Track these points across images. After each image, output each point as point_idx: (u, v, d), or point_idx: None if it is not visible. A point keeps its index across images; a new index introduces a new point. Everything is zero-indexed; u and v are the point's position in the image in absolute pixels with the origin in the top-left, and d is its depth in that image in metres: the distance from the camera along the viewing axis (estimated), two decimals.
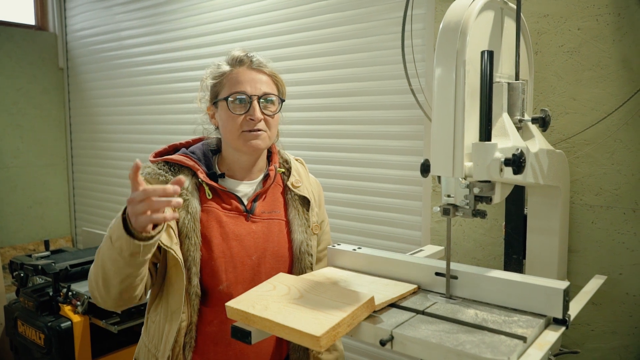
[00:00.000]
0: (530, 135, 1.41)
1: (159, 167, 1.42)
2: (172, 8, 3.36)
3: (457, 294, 1.25)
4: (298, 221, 1.48)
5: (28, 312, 2.83)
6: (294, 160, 1.59)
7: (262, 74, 1.43)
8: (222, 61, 1.46)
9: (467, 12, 1.17)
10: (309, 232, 1.49)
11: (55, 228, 4.31)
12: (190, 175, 1.42)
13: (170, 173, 1.41)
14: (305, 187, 1.53)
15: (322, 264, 1.59)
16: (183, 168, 1.43)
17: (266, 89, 1.41)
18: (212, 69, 1.46)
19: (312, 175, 1.63)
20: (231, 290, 1.39)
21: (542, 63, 1.86)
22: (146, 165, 1.44)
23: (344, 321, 1.05)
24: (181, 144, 1.53)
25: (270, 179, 1.49)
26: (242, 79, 1.40)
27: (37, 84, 4.15)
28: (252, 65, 1.43)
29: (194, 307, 1.36)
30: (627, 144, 1.72)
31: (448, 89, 1.16)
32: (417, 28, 2.20)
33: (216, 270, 1.38)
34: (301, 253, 1.47)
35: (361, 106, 2.47)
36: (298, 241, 1.47)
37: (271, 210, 1.48)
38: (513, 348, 0.97)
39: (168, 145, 1.52)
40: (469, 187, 1.20)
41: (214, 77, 1.44)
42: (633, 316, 1.74)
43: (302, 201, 1.51)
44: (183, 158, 1.43)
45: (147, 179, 1.41)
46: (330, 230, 1.67)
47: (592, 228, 1.80)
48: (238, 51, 1.45)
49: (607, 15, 1.73)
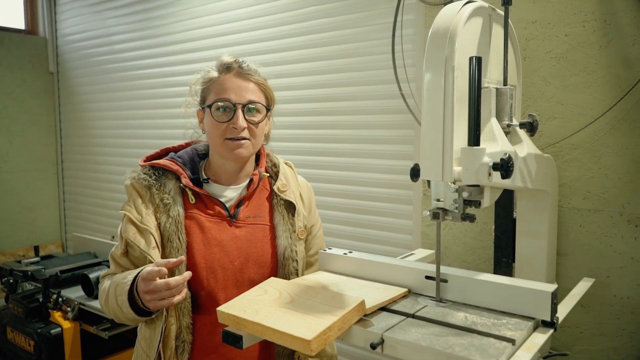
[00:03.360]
0: (519, 140, 1.42)
1: (145, 171, 1.43)
2: (163, 13, 3.36)
3: (447, 297, 1.26)
4: (283, 226, 1.47)
5: (17, 318, 2.81)
6: (282, 164, 1.57)
7: (249, 82, 1.41)
8: (211, 66, 1.46)
9: (455, 19, 1.19)
10: (294, 237, 1.47)
11: (45, 233, 4.28)
12: (174, 180, 1.43)
13: (154, 177, 1.41)
14: (292, 192, 1.51)
15: (314, 268, 1.57)
16: (168, 172, 1.43)
17: (252, 97, 1.40)
18: (202, 73, 1.46)
19: (302, 178, 1.61)
20: (213, 297, 1.38)
21: (530, 68, 1.88)
22: (134, 170, 1.45)
23: (334, 325, 1.06)
24: (173, 147, 1.54)
25: (254, 184, 1.48)
26: (228, 86, 1.39)
27: (27, 89, 4.13)
28: (240, 72, 1.41)
29: (182, 310, 1.35)
30: (614, 148, 1.75)
31: (437, 95, 1.17)
32: (408, 33, 2.22)
33: (197, 276, 1.38)
34: (285, 259, 1.45)
35: (352, 111, 2.48)
36: (282, 247, 1.45)
37: (256, 215, 1.47)
38: (502, 350, 0.98)
39: (160, 149, 1.52)
40: (458, 191, 1.21)
41: (202, 82, 1.45)
42: (621, 318, 1.76)
43: (288, 206, 1.50)
44: (168, 162, 1.43)
45: (132, 183, 1.42)
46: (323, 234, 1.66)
47: (580, 231, 1.83)
48: (227, 57, 1.44)
49: (593, 22, 1.75)
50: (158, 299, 1.22)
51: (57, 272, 2.91)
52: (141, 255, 1.36)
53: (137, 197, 1.40)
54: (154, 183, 1.40)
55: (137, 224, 1.36)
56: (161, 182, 1.42)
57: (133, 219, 1.36)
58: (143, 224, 1.36)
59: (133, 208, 1.38)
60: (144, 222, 1.36)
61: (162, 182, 1.42)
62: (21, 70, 4.09)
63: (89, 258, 3.35)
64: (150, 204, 1.39)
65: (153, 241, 1.34)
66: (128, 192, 1.43)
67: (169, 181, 1.42)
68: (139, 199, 1.40)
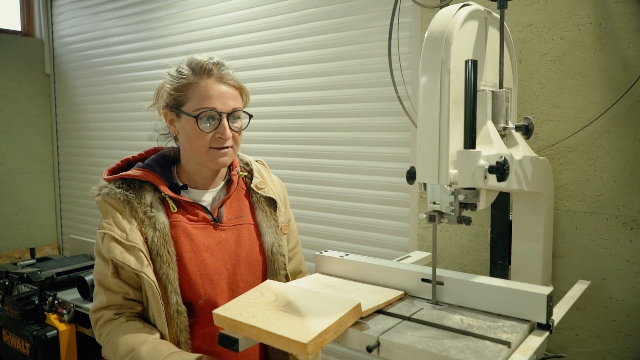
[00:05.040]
0: (514, 143, 1.43)
1: (117, 185, 1.36)
2: (159, 15, 3.36)
3: (444, 299, 1.26)
4: (267, 222, 1.46)
5: (13, 321, 2.79)
6: (254, 162, 1.56)
7: (230, 87, 1.37)
8: (184, 66, 1.38)
9: (451, 22, 1.19)
10: (279, 232, 1.48)
11: (42, 235, 4.27)
12: (152, 191, 1.37)
13: (131, 191, 1.35)
14: (270, 188, 1.51)
15: (294, 262, 1.58)
16: (144, 183, 1.37)
17: (234, 104, 1.37)
18: (174, 74, 1.38)
19: (274, 175, 1.60)
20: (211, 304, 1.34)
21: (526, 71, 1.89)
22: (102, 185, 1.38)
23: (331, 328, 1.06)
24: (134, 157, 1.47)
25: (234, 184, 1.46)
26: (211, 93, 1.34)
27: (24, 90, 4.12)
28: (221, 76, 1.36)
29: (179, 325, 1.31)
30: (610, 151, 1.76)
31: (433, 98, 1.17)
32: (404, 36, 2.22)
33: (193, 286, 1.34)
34: (273, 254, 1.45)
35: (349, 113, 2.49)
36: (269, 243, 1.45)
37: (238, 216, 1.46)
38: (497, 353, 0.99)
39: (120, 160, 1.46)
40: (454, 194, 1.22)
41: (177, 85, 1.36)
42: (616, 320, 1.77)
43: (269, 202, 1.49)
44: (142, 173, 1.37)
45: (105, 199, 1.35)
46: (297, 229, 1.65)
47: (575, 234, 1.83)
48: (204, 57, 1.37)
49: (588, 25, 1.76)
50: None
51: (53, 274, 2.90)
52: (132, 273, 1.30)
53: (116, 213, 1.33)
54: (133, 197, 1.34)
55: (122, 242, 1.29)
56: (139, 194, 1.35)
57: (117, 238, 1.29)
58: (129, 241, 1.29)
59: (114, 225, 1.31)
60: (129, 239, 1.29)
61: (141, 195, 1.35)
62: (17, 72, 4.08)
63: (85, 260, 3.34)
64: (133, 219, 1.32)
65: (144, 258, 1.28)
66: (103, 209, 1.36)
67: (146, 193, 1.36)
68: (117, 214, 1.33)
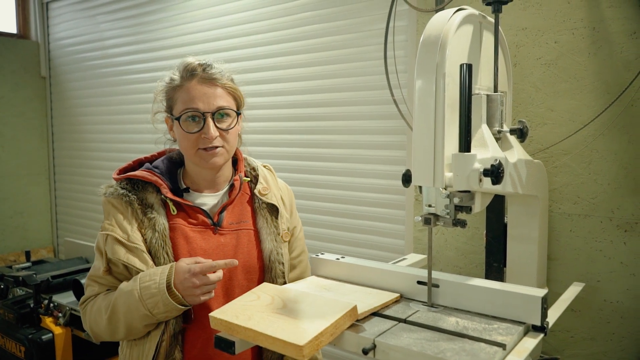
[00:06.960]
0: (509, 146, 1.44)
1: (122, 185, 1.38)
2: (156, 18, 3.36)
3: (439, 302, 1.27)
4: (267, 229, 1.45)
5: (8, 324, 2.78)
6: (261, 167, 1.55)
7: (216, 87, 1.36)
8: (174, 71, 1.40)
9: (446, 26, 1.20)
10: (279, 240, 1.46)
11: (37, 238, 4.25)
12: (155, 192, 1.39)
13: (134, 192, 1.37)
14: (274, 194, 1.50)
15: (298, 270, 1.56)
16: (147, 184, 1.39)
17: (220, 103, 1.36)
18: (167, 79, 1.41)
19: (281, 180, 1.60)
20: (205, 308, 1.34)
21: (520, 75, 1.90)
22: (109, 184, 1.40)
23: (327, 330, 1.06)
24: (146, 158, 1.49)
25: (236, 190, 1.46)
26: (194, 94, 1.34)
27: (19, 93, 4.11)
28: (205, 76, 1.36)
29: (174, 329, 1.32)
30: (603, 154, 1.77)
31: (428, 101, 1.18)
32: (400, 40, 2.24)
33: None
34: (271, 262, 1.44)
35: (345, 116, 2.49)
36: (268, 250, 1.44)
37: (239, 221, 1.45)
38: (492, 355, 0.99)
39: (132, 160, 1.47)
40: (450, 197, 1.22)
41: (167, 89, 1.40)
42: (611, 322, 1.78)
43: (271, 209, 1.48)
44: (146, 174, 1.38)
45: (109, 199, 1.37)
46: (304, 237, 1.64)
47: (570, 236, 1.84)
48: (191, 59, 1.39)
49: (582, 29, 1.78)
50: (204, 292, 1.26)
51: (48, 277, 2.89)
52: (124, 270, 1.33)
53: (118, 214, 1.35)
54: (134, 198, 1.36)
55: (125, 243, 1.32)
56: (142, 196, 1.38)
57: (119, 239, 1.32)
58: (131, 242, 1.32)
59: (116, 227, 1.34)
60: (131, 240, 1.32)
61: (143, 196, 1.37)
62: (13, 74, 4.07)
63: (81, 263, 3.33)
64: (134, 220, 1.35)
65: (148, 259, 1.31)
66: (106, 209, 1.39)
67: (149, 194, 1.38)
68: (119, 215, 1.35)
